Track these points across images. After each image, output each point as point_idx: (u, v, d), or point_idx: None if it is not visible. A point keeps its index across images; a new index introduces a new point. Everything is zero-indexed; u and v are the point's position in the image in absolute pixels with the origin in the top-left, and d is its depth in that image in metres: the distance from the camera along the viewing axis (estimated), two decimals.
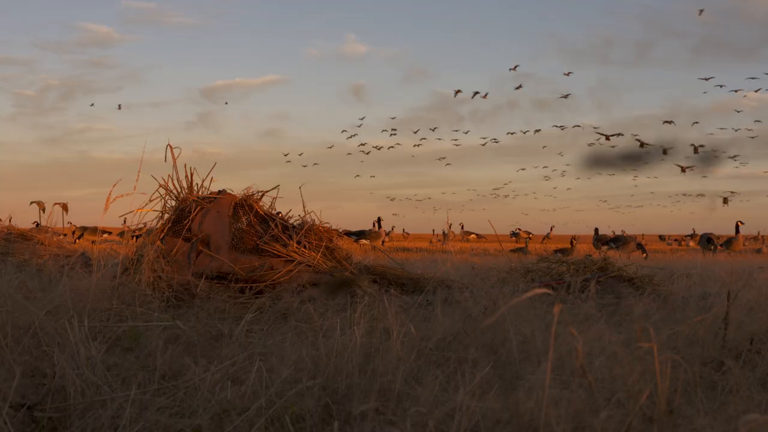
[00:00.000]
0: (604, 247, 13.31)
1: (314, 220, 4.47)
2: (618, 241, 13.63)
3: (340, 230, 4.82)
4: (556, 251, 12.43)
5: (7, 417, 1.77)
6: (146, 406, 1.90)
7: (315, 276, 4.14)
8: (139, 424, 1.79)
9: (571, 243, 13.76)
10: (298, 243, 4.26)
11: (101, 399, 1.94)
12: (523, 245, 16.04)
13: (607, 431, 1.62)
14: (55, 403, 1.96)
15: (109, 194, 4.07)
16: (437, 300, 3.15)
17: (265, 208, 4.48)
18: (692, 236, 23.48)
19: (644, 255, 12.12)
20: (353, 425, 1.86)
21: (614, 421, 1.65)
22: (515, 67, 11.10)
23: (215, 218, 4.26)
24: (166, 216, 4.32)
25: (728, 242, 14.39)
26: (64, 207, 8.48)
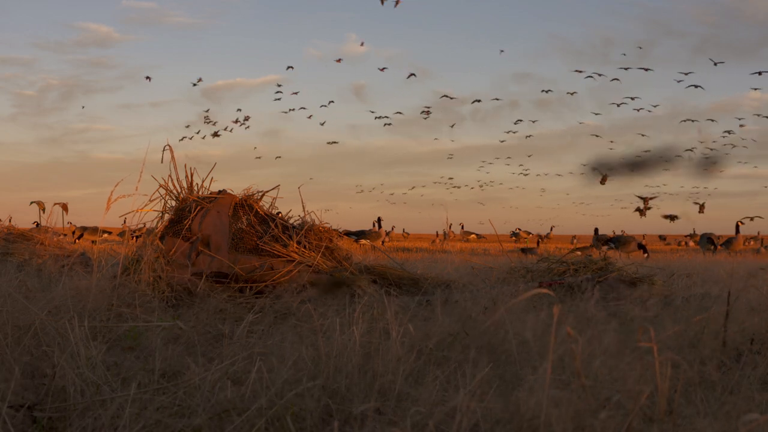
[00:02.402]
0: (604, 247, 13.30)
1: (314, 221, 4.47)
2: (618, 241, 13.62)
3: (340, 230, 4.82)
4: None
5: (7, 417, 1.77)
6: (146, 405, 1.90)
7: (315, 276, 4.13)
8: (139, 423, 1.79)
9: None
10: (298, 243, 4.26)
11: (101, 399, 1.93)
12: (533, 245, 15.86)
13: (607, 431, 1.62)
14: (55, 403, 1.96)
15: (111, 194, 4.07)
16: (437, 300, 3.15)
17: (265, 209, 4.48)
18: (692, 236, 23.49)
19: (645, 255, 12.11)
20: (353, 425, 1.86)
21: (614, 421, 1.65)
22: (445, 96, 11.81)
23: (215, 218, 4.26)
24: (166, 216, 4.32)
25: (728, 242, 14.39)
26: (64, 207, 8.48)
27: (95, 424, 1.82)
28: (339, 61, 12.69)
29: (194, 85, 12.87)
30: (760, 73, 8.50)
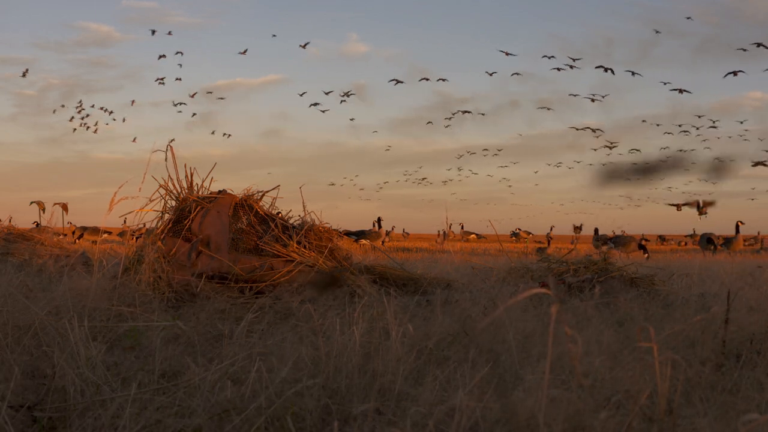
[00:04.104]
0: (604, 247, 13.30)
1: (314, 221, 4.47)
2: (618, 241, 13.63)
3: (340, 230, 4.82)
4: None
5: (7, 417, 1.77)
6: (146, 405, 1.90)
7: (315, 276, 4.13)
8: (139, 423, 1.79)
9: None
10: (298, 243, 4.26)
11: (101, 399, 1.94)
12: (543, 245, 15.80)
13: (607, 431, 1.62)
14: (55, 403, 1.97)
15: (114, 196, 4.07)
16: (437, 300, 3.15)
17: (265, 208, 4.48)
18: (692, 236, 23.52)
19: (646, 255, 12.11)
20: (353, 425, 1.86)
21: (614, 421, 1.65)
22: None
23: (215, 218, 4.26)
24: (167, 216, 4.33)
25: (728, 242, 14.39)
26: (64, 207, 8.48)
27: (95, 424, 1.82)
28: (305, 46, 12.80)
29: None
30: (735, 74, 8.38)
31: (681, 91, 9.35)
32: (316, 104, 13.65)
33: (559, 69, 10.49)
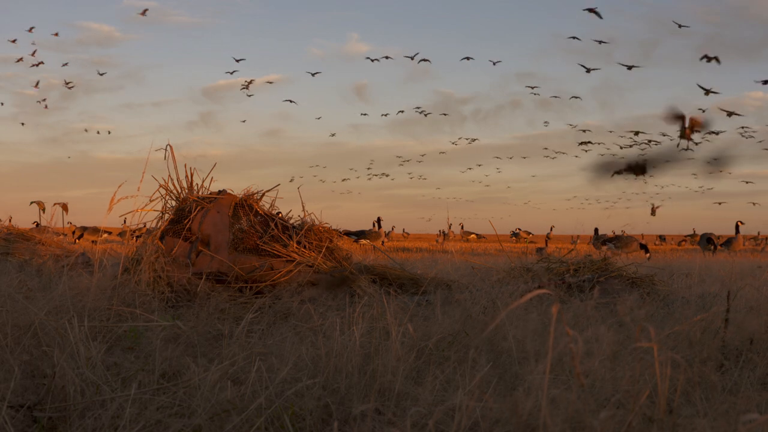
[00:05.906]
0: (604, 247, 13.30)
1: (314, 221, 4.47)
2: (618, 241, 13.62)
3: (340, 230, 4.82)
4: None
5: (7, 417, 1.77)
6: (146, 405, 1.90)
7: (315, 276, 4.13)
8: (139, 423, 1.79)
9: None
10: (298, 243, 4.26)
11: (101, 399, 1.94)
12: (542, 245, 15.92)
13: (606, 431, 1.62)
14: (55, 403, 1.96)
15: (114, 195, 4.07)
16: (437, 300, 3.15)
17: (265, 208, 4.48)
18: (692, 236, 23.55)
19: (647, 255, 12.09)
20: (353, 425, 1.87)
21: (614, 421, 1.65)
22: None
23: (215, 218, 4.26)
24: (167, 216, 4.32)
25: (728, 242, 14.39)
26: (64, 207, 8.48)
27: (95, 424, 1.82)
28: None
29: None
30: (709, 59, 8.22)
31: (723, 112, 9.22)
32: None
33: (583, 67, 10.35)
